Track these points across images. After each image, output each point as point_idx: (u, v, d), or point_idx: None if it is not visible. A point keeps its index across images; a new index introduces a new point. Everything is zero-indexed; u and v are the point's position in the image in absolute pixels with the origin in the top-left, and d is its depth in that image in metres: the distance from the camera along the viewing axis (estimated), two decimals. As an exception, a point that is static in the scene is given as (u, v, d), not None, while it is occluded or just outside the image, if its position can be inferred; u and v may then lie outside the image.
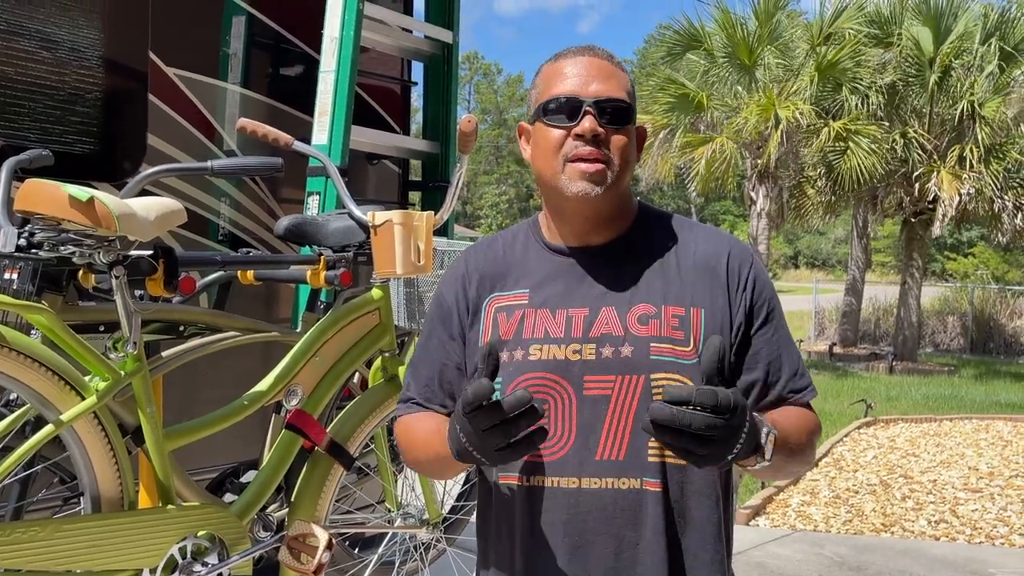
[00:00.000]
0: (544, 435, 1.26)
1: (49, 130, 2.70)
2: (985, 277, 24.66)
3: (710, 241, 1.48)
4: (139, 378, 2.01)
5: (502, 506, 1.46)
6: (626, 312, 1.41)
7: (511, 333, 1.44)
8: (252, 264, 2.56)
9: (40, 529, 1.85)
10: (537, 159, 1.46)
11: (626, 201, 1.49)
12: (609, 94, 1.41)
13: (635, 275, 1.44)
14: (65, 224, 1.87)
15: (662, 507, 1.38)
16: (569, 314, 1.42)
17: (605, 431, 1.38)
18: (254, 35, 3.28)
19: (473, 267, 1.53)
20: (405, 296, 2.66)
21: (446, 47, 3.81)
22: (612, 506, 1.38)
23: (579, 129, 1.39)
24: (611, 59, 1.46)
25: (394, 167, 3.85)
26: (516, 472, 1.43)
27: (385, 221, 2.31)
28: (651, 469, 1.38)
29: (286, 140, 2.48)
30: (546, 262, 1.49)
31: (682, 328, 1.40)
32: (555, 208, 1.48)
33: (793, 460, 1.39)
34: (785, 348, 1.46)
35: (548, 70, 1.47)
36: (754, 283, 1.46)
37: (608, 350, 1.39)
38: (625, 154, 1.42)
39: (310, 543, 2.27)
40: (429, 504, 2.59)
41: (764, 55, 12.97)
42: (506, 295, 1.48)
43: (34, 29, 2.65)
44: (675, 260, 1.46)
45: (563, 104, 1.41)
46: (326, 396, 2.41)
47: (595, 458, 1.38)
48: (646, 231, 1.50)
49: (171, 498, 2.08)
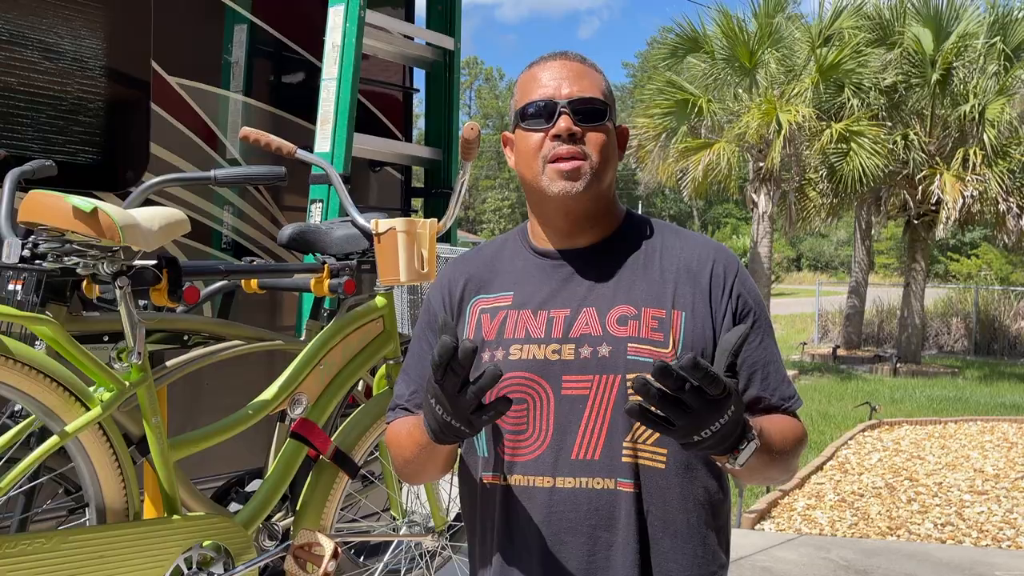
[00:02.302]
0: (509, 403, 1.25)
1: (52, 140, 2.70)
2: (989, 278, 24.61)
3: (695, 247, 1.49)
4: (143, 388, 2.01)
5: (483, 505, 1.47)
6: (606, 313, 1.42)
7: (493, 333, 1.45)
8: (256, 273, 2.56)
9: (45, 541, 1.85)
10: (520, 164, 1.47)
11: (609, 202, 1.49)
12: (582, 93, 1.43)
13: (618, 277, 1.45)
14: (69, 235, 1.87)
15: (635, 509, 1.38)
16: (551, 315, 1.43)
17: (581, 431, 1.39)
18: (256, 44, 3.28)
19: (460, 272, 1.55)
20: (409, 303, 2.66)
21: (447, 54, 3.82)
22: (586, 506, 1.38)
23: (555, 129, 1.41)
24: (583, 61, 1.48)
25: (397, 174, 3.85)
26: (496, 471, 1.44)
27: (388, 229, 2.31)
28: (624, 470, 1.38)
29: (288, 148, 2.48)
30: (531, 265, 1.50)
31: (661, 330, 1.40)
32: (539, 211, 1.50)
33: (773, 466, 1.37)
34: (771, 358, 1.46)
35: (524, 78, 1.50)
36: (738, 292, 1.45)
37: (586, 350, 1.40)
38: (604, 151, 1.43)
39: (315, 552, 2.26)
40: (434, 512, 2.59)
41: (765, 57, 12.97)
42: (490, 297, 1.49)
43: (37, 40, 2.66)
44: (658, 263, 1.46)
45: (539, 108, 1.43)
46: (331, 404, 2.41)
47: (570, 457, 1.39)
48: (631, 235, 1.50)
49: (176, 508, 2.08)
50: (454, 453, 1.49)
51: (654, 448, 1.39)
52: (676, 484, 1.39)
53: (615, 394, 1.38)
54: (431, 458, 1.44)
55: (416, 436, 1.40)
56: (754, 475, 1.39)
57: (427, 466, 1.48)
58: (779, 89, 13.02)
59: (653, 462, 1.39)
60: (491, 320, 1.47)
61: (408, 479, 1.61)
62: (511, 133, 1.51)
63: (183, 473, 2.11)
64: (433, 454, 1.42)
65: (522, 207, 55.24)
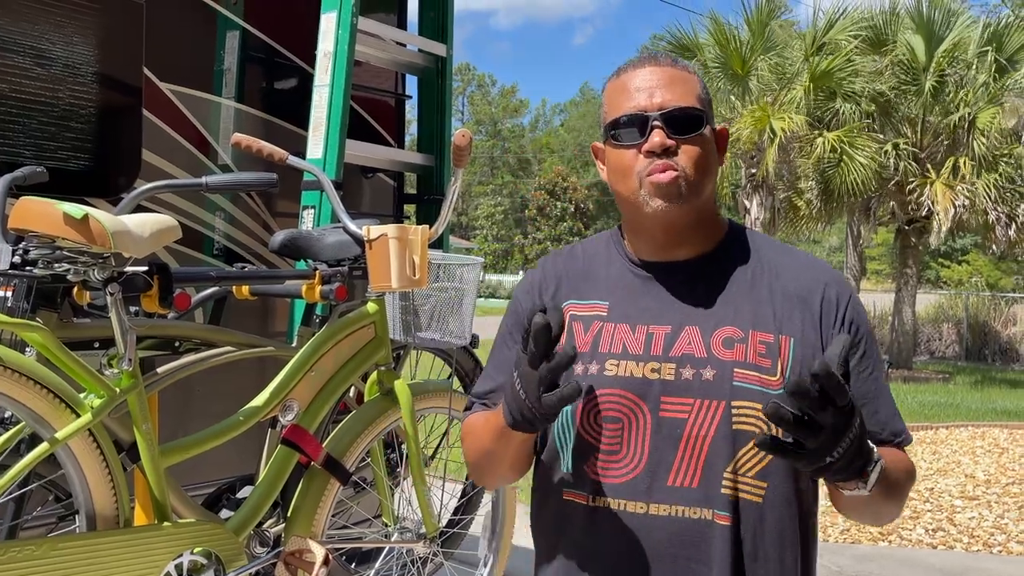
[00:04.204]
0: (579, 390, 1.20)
1: (44, 146, 2.70)
2: (980, 284, 24.71)
3: (806, 269, 1.40)
4: (134, 395, 2.01)
5: (561, 521, 1.39)
6: (710, 333, 1.34)
7: (587, 346, 1.38)
8: (247, 279, 2.56)
9: (35, 548, 1.84)
10: (613, 181, 1.39)
11: (709, 214, 1.41)
12: (676, 103, 1.34)
13: (721, 295, 1.37)
14: (60, 241, 1.87)
15: (731, 543, 1.31)
16: (650, 331, 1.36)
17: (679, 456, 1.31)
18: (248, 50, 3.28)
19: (551, 273, 1.48)
20: (400, 310, 2.66)
21: (440, 60, 3.82)
22: (679, 536, 1.31)
23: (648, 146, 1.32)
24: (675, 64, 1.40)
25: (389, 180, 3.85)
26: (581, 490, 1.37)
27: (380, 235, 2.31)
28: (722, 502, 1.31)
29: (280, 155, 2.49)
30: (627, 274, 1.42)
31: (769, 356, 1.32)
32: (635, 224, 1.42)
33: (890, 499, 1.31)
34: (881, 390, 1.38)
35: (612, 87, 1.41)
36: (852, 320, 1.37)
37: (688, 371, 1.33)
38: (701, 162, 1.34)
39: (307, 559, 2.26)
40: (426, 518, 2.59)
41: (757, 65, 13.01)
42: (583, 304, 1.42)
43: (28, 46, 2.66)
44: (766, 284, 1.38)
45: (629, 121, 1.35)
46: (322, 410, 2.41)
47: (666, 483, 1.32)
48: (735, 249, 1.42)
49: (167, 515, 2.07)
50: (528, 455, 1.44)
51: (755, 481, 1.33)
52: (773, 519, 1.33)
53: (718, 421, 1.31)
54: (505, 451, 1.38)
55: (493, 421, 1.35)
56: (870, 508, 1.33)
57: (500, 461, 1.41)
58: (771, 96, 13.07)
59: (752, 495, 1.32)
60: (584, 330, 1.40)
61: (479, 475, 1.52)
62: (601, 144, 1.43)
63: (174, 480, 2.11)
64: (507, 445, 1.35)
65: (515, 213, 55.25)
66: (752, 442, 1.30)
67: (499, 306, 34.49)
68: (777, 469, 1.33)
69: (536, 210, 49.07)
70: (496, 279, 41.81)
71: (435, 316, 2.70)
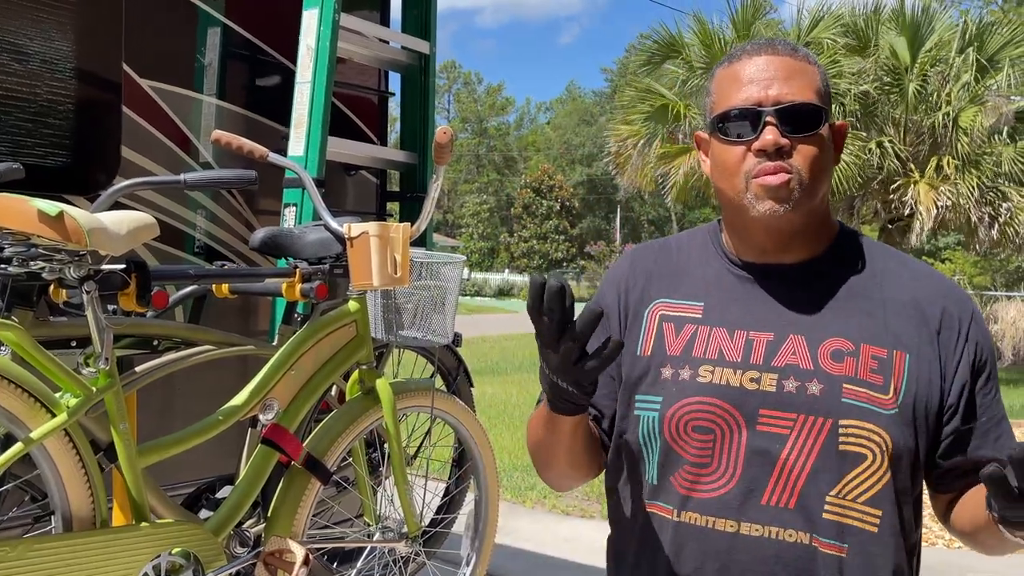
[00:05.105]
0: (620, 347, 1.13)
1: (21, 143, 2.67)
2: (963, 283, 24.90)
3: (924, 280, 1.30)
4: (111, 394, 1.98)
5: (646, 536, 1.30)
6: (818, 344, 1.24)
7: (679, 349, 1.29)
8: (227, 277, 2.54)
9: (10, 549, 1.82)
10: (716, 177, 1.30)
11: (821, 217, 1.31)
12: (793, 98, 1.23)
13: (830, 304, 1.27)
14: (34, 239, 1.84)
15: (838, 573, 1.22)
16: (749, 337, 1.27)
17: (776, 474, 1.22)
18: (229, 46, 3.26)
19: (640, 268, 1.39)
20: (382, 308, 2.64)
21: (423, 58, 3.81)
22: (774, 558, 1.22)
23: (760, 144, 1.22)
24: (795, 53, 1.28)
25: (372, 178, 3.83)
26: (666, 503, 1.29)
27: (361, 233, 2.30)
28: (826, 528, 1.22)
29: (261, 152, 2.47)
30: (725, 274, 1.33)
31: (881, 372, 1.23)
32: (738, 226, 1.32)
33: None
34: (1003, 414, 1.30)
35: (723, 75, 1.30)
36: (976, 338, 1.27)
37: (792, 384, 1.23)
38: (817, 164, 1.24)
39: (287, 559, 2.24)
40: (408, 518, 2.57)
41: (742, 64, 13.04)
42: (675, 304, 1.34)
43: (5, 41, 2.63)
44: (879, 294, 1.28)
45: (740, 115, 1.24)
46: (303, 409, 2.39)
47: (760, 502, 1.23)
48: (846, 255, 1.32)
49: (145, 515, 2.05)
50: (588, 452, 1.36)
51: (866, 508, 1.24)
52: (888, 550, 1.25)
53: (823, 440, 1.21)
54: (555, 440, 1.30)
55: (542, 410, 1.29)
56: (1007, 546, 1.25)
57: (554, 453, 1.33)
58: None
59: (864, 524, 1.23)
60: (676, 332, 1.31)
61: (540, 468, 1.42)
62: (706, 136, 1.33)
63: (152, 480, 2.08)
64: (555, 433, 1.28)
65: (501, 211, 55.23)
66: (864, 465, 1.22)
67: (484, 304, 34.30)
68: (889, 496, 1.25)
69: (522, 208, 49.12)
70: (482, 277, 41.78)
71: (417, 314, 2.69)
